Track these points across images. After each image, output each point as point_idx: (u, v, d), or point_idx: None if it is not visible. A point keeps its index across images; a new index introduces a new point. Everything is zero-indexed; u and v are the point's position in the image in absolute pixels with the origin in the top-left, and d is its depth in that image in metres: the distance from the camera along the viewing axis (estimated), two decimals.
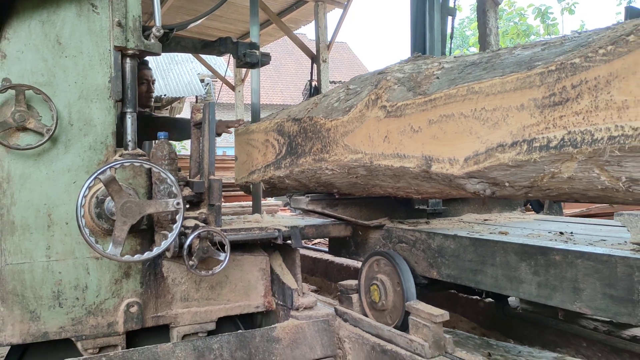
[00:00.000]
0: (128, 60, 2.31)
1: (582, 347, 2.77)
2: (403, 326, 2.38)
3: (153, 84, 3.75)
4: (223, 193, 3.71)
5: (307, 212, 3.03)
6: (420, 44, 3.70)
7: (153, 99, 3.87)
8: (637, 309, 1.68)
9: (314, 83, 8.22)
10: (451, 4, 4.19)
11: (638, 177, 1.41)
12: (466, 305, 3.54)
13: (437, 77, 2.11)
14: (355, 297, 2.71)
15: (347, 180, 2.63)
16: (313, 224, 2.77)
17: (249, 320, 2.72)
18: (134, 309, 2.27)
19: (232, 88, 10.71)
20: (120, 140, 2.33)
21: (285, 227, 2.55)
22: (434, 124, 1.99)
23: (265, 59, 3.49)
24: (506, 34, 19.26)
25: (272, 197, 3.66)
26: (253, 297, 2.55)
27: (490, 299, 3.33)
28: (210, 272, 2.23)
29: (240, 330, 2.42)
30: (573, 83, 1.51)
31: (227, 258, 2.22)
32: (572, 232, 2.43)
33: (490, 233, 2.44)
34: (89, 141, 2.21)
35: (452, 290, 3.40)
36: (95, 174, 1.93)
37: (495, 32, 7.36)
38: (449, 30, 4.10)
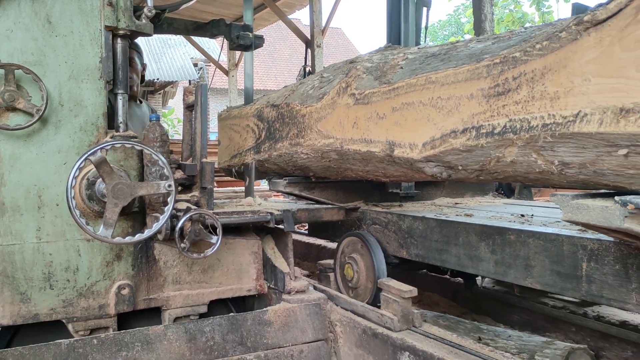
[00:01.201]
0: (119, 40, 2.27)
1: (571, 332, 2.80)
2: (374, 303, 2.48)
3: (131, 64, 3.48)
4: (216, 178, 3.72)
5: (286, 194, 3.17)
6: (395, 35, 3.84)
7: (136, 85, 3.52)
8: (580, 284, 1.82)
9: (308, 68, 8.17)
10: None
11: (569, 161, 1.53)
12: (437, 284, 3.70)
13: (401, 67, 2.24)
14: (332, 275, 2.86)
15: (321, 164, 2.75)
16: (306, 208, 2.77)
17: (241, 304, 2.72)
18: (125, 292, 2.26)
19: (226, 73, 10.64)
20: (111, 121, 2.31)
21: (278, 210, 2.55)
22: (397, 111, 2.13)
23: (258, 42, 3.45)
24: (501, 21, 19.24)
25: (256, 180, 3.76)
26: (245, 281, 2.55)
27: (459, 279, 3.48)
28: (202, 254, 2.23)
29: (232, 314, 2.42)
30: (514, 75, 1.64)
31: (219, 241, 2.22)
32: (532, 215, 2.53)
33: (457, 215, 2.57)
34: (79, 122, 2.19)
35: (424, 270, 3.58)
36: (86, 155, 1.92)
37: (490, 19, 7.34)
38: (424, 21, 4.21)
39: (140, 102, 3.78)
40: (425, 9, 4.28)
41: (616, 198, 1.41)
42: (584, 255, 1.82)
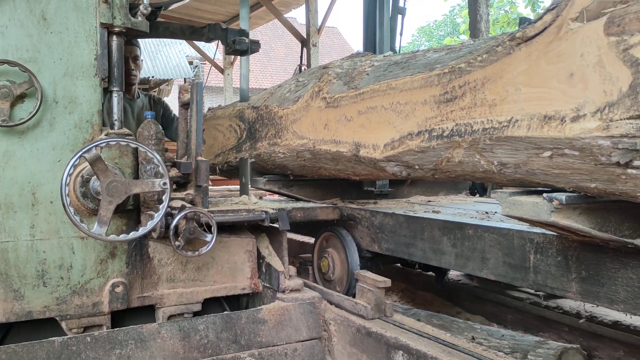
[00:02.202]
0: (114, 37, 2.27)
1: (564, 332, 2.82)
2: (347, 294, 2.63)
3: (135, 61, 3.62)
4: (211, 177, 3.75)
5: (266, 191, 3.41)
6: (371, 41, 4.02)
7: (137, 77, 3.70)
8: (528, 275, 1.98)
9: (303, 67, 8.16)
10: (401, 4, 4.59)
11: (506, 162, 1.69)
12: (410, 278, 3.96)
13: (367, 74, 2.41)
14: (310, 269, 3.07)
15: (297, 163, 2.92)
16: (301, 207, 2.77)
17: (235, 302, 2.72)
18: (119, 289, 2.26)
19: (221, 71, 10.61)
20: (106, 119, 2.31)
21: (273, 209, 2.55)
22: (362, 114, 2.31)
23: (254, 47, 3.46)
24: (497, 22, 19.26)
25: (234, 178, 4.04)
26: (239, 279, 2.55)
27: (431, 272, 3.71)
28: (196, 253, 2.22)
29: (226, 312, 2.42)
30: (460, 84, 1.81)
31: (214, 239, 2.22)
32: (495, 212, 2.64)
33: (425, 212, 2.71)
34: (74, 119, 2.18)
35: (398, 264, 3.79)
36: (81, 152, 1.91)
37: (486, 20, 7.36)
38: (399, 28, 4.48)
39: (138, 96, 3.81)
40: (400, 16, 4.55)
41: (544, 195, 1.58)
42: (531, 248, 1.97)
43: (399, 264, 3.74)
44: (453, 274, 3.68)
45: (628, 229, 1.60)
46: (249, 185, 3.21)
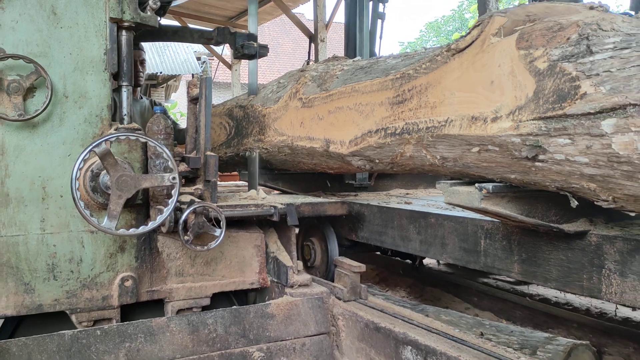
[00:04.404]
0: (124, 32, 2.27)
1: (573, 328, 2.80)
2: (326, 279, 2.80)
3: (142, 64, 3.69)
4: (219, 172, 3.79)
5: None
6: (352, 44, 4.33)
7: (143, 79, 3.83)
8: (479, 258, 2.19)
9: (311, 63, 8.14)
10: (381, 9, 5.05)
11: (447, 156, 1.93)
12: (390, 265, 4.21)
13: (337, 77, 2.66)
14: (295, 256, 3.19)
15: (279, 158, 3.16)
16: (309, 202, 2.77)
17: (243, 297, 2.73)
18: (128, 283, 2.27)
19: (229, 67, 10.61)
20: (115, 114, 2.31)
21: (281, 204, 2.55)
22: (332, 114, 2.54)
23: (263, 51, 3.48)
24: None
25: (224, 172, 4.34)
26: (248, 274, 2.55)
27: (408, 260, 4.01)
28: (205, 247, 2.23)
29: (234, 306, 2.42)
30: (409, 88, 2.06)
31: (223, 234, 2.22)
32: None
33: (398, 203, 2.89)
34: (84, 114, 2.19)
35: (378, 252, 4.05)
36: (91, 147, 1.92)
37: None
38: (379, 32, 4.96)
39: (141, 97, 3.84)
40: (380, 20, 5.01)
41: (476, 185, 1.78)
42: (482, 233, 2.18)
43: (378, 252, 4.01)
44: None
45: (555, 215, 1.80)
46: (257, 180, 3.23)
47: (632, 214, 1.65)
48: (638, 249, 1.63)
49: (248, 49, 3.41)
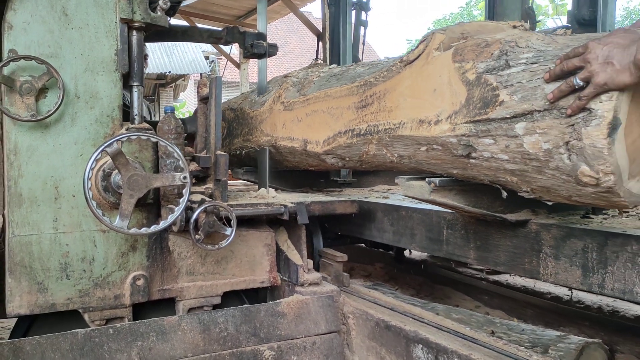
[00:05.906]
0: (134, 32, 2.28)
1: (585, 326, 2.79)
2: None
3: (145, 60, 3.69)
4: (229, 171, 3.83)
5: (245, 180, 3.94)
6: (336, 50, 4.61)
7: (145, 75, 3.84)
8: (442, 246, 2.40)
9: (320, 62, 8.13)
10: (363, 17, 5.36)
11: (403, 154, 2.15)
12: (375, 257, 4.35)
13: (314, 83, 2.90)
14: None
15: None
16: (319, 201, 2.77)
17: (254, 296, 2.74)
18: (140, 282, 2.28)
19: (237, 66, 10.61)
20: (126, 114, 2.32)
21: (291, 203, 2.55)
22: (309, 116, 2.78)
23: (272, 50, 3.50)
24: None
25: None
26: (258, 273, 2.56)
27: (390, 252, 4.19)
28: (216, 246, 2.24)
29: (245, 305, 2.43)
30: (370, 94, 2.28)
31: (233, 233, 2.23)
32: None
33: (376, 198, 3.09)
34: (95, 114, 2.20)
35: (362, 245, 4.19)
36: (103, 147, 1.93)
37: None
38: (362, 38, 5.25)
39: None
40: (362, 28, 5.29)
41: (426, 179, 1.98)
42: (445, 224, 2.38)
43: (362, 244, 4.17)
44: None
45: (500, 205, 1.98)
46: (267, 177, 3.24)
47: (550, 203, 1.86)
48: (569, 235, 1.83)
49: (257, 48, 3.43)
